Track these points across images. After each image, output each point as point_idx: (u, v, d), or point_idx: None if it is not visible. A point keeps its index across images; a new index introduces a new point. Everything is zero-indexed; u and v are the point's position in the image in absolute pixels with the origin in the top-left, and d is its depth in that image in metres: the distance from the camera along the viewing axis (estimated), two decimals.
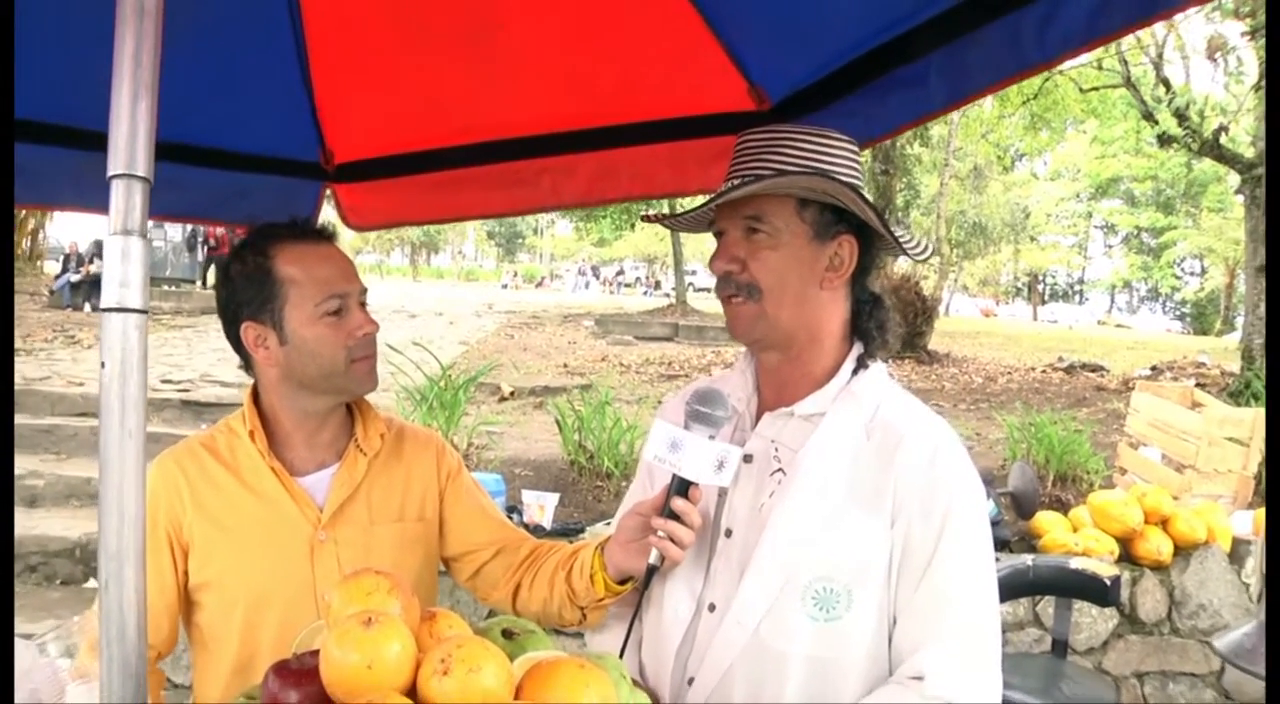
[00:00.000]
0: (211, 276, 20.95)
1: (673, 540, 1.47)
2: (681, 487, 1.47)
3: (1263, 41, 11.22)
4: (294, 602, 1.70)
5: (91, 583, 5.44)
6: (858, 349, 1.57)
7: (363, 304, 1.76)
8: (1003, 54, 1.56)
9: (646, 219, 1.68)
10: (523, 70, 2.22)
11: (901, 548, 1.43)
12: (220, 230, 20.92)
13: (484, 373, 6.97)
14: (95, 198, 2.39)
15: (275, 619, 1.70)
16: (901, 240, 1.51)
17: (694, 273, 35.77)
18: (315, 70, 2.26)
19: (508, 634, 1.21)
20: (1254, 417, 4.95)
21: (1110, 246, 44.15)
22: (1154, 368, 12.15)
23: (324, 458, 1.81)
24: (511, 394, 9.64)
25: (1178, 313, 41.15)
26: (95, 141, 2.13)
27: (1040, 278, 49.17)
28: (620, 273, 56.50)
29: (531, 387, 10.36)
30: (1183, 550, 4.30)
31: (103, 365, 0.88)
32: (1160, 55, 14.78)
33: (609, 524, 4.82)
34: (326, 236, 1.76)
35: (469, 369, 8.35)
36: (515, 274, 54.97)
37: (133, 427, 0.88)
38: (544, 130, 2.38)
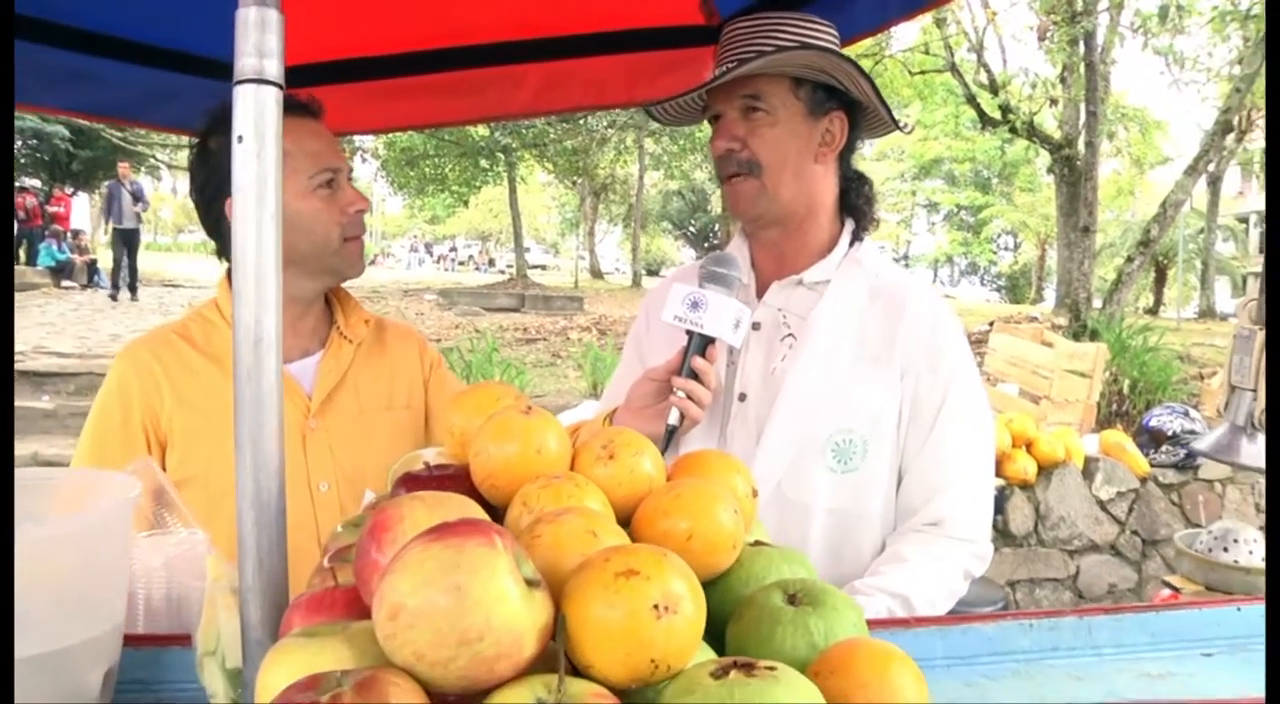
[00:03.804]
0: (23, 253, 19.32)
1: (692, 400, 1.50)
2: (700, 346, 1.51)
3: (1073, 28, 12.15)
4: (287, 494, 1.66)
5: None
6: (850, 224, 1.68)
7: (349, 182, 1.73)
8: None
9: (645, 109, 1.73)
10: None
11: (911, 401, 1.55)
12: (31, 201, 19.32)
13: None
14: (164, 115, 2.38)
15: None
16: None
17: (529, 250, 35.58)
18: None
19: None
20: (1095, 351, 5.43)
21: (933, 224, 46.75)
22: (991, 323, 13.00)
23: (307, 345, 1.76)
24: None
25: (995, 285, 44.00)
26: (169, 60, 2.20)
27: None
28: (454, 250, 55.47)
29: None
30: (1044, 470, 4.70)
31: (239, 139, 0.84)
32: (981, 43, 15.78)
33: None
34: (313, 112, 1.71)
35: None
36: None
37: (272, 208, 0.85)
38: (493, 39, 2.36)
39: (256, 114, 0.84)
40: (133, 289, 16.25)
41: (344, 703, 0.56)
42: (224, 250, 1.72)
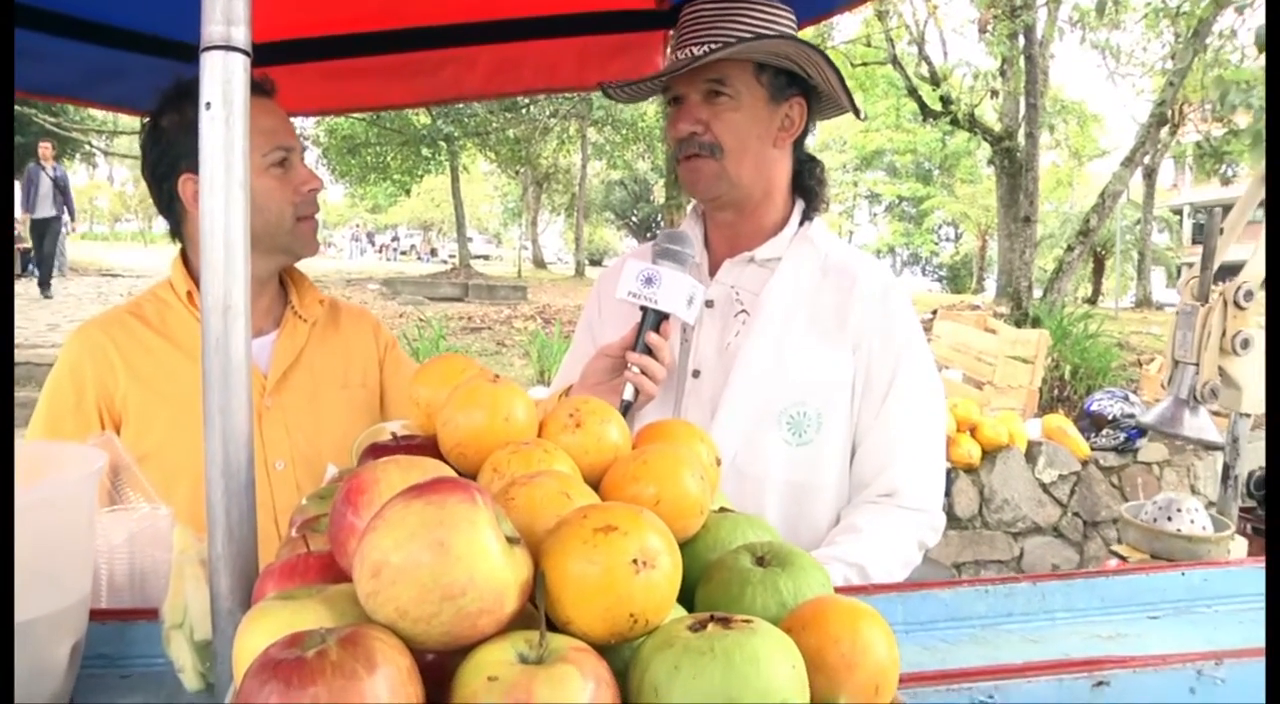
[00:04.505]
0: None
1: (646, 375, 1.50)
2: (654, 322, 1.51)
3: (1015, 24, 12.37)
4: None
5: None
6: (801, 204, 1.71)
7: (302, 161, 1.71)
8: None
9: (602, 89, 1.73)
10: None
11: (864, 373, 1.58)
12: None
13: None
14: (108, 94, 2.35)
15: None
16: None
17: (471, 240, 35.45)
18: None
19: None
20: (1038, 337, 5.56)
21: (875, 214, 47.35)
22: (934, 312, 13.22)
23: (261, 325, 1.76)
24: None
25: (936, 275, 44.76)
26: (113, 37, 2.16)
27: None
28: (395, 239, 54.93)
29: None
30: (989, 454, 4.79)
31: (207, 106, 0.83)
32: (922, 36, 16.01)
33: None
34: (266, 91, 1.69)
35: None
36: None
37: (240, 176, 0.84)
38: (445, 21, 2.35)
39: (224, 81, 0.83)
40: (44, 284, 14.72)
41: (330, 657, 0.56)
42: (176, 230, 1.71)
